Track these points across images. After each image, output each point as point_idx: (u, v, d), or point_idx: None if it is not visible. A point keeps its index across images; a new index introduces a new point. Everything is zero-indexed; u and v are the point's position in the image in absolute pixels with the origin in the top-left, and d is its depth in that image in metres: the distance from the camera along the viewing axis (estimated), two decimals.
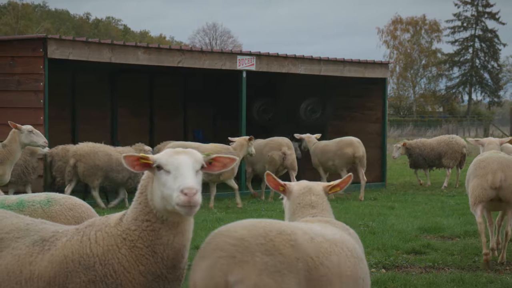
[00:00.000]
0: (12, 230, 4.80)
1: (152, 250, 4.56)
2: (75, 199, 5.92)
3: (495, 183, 10.02)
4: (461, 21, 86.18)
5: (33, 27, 77.42)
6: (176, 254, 4.60)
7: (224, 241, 4.47)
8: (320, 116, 25.12)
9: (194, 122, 26.95)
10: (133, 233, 4.59)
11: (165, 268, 4.58)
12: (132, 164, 4.62)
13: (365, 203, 17.96)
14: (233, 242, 4.45)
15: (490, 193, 10.11)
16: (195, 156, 4.59)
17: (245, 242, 4.43)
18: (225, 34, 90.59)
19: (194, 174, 4.48)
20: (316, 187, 5.64)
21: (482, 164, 10.30)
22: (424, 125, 66.13)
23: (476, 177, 10.24)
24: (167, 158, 4.55)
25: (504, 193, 10.10)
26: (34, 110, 16.40)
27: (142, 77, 25.22)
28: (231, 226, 4.64)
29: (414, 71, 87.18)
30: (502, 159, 10.29)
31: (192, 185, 4.37)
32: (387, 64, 23.97)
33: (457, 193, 20.02)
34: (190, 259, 4.90)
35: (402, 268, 10.21)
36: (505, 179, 10.04)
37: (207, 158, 4.70)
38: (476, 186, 10.19)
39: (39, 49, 16.42)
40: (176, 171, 4.46)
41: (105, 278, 4.52)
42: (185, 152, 4.62)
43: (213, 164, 4.74)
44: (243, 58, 20.14)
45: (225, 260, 4.40)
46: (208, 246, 4.53)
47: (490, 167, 10.14)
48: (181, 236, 4.60)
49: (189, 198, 4.35)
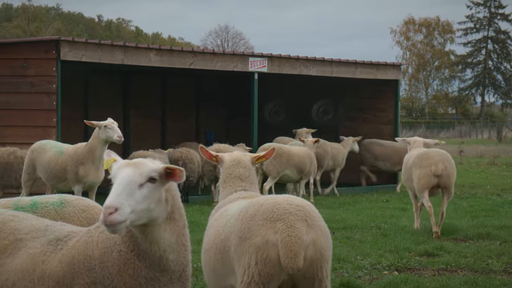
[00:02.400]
0: (31, 231, 4.83)
1: (137, 255, 4.56)
2: (88, 200, 5.92)
3: (437, 172, 12.53)
4: (473, 23, 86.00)
5: (44, 29, 77.63)
6: (160, 260, 4.58)
7: (290, 207, 5.26)
8: (332, 118, 25.10)
9: (206, 123, 26.96)
10: (118, 237, 4.59)
11: (156, 272, 4.58)
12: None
13: (377, 205, 17.93)
14: (297, 208, 5.26)
15: (433, 180, 12.64)
16: (141, 169, 4.47)
17: (307, 208, 5.33)
18: (237, 36, 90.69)
19: (127, 190, 4.35)
20: (244, 159, 6.35)
21: (426, 156, 12.78)
22: (436, 127, 65.96)
23: (421, 168, 12.69)
24: (115, 170, 4.50)
25: (444, 180, 12.65)
26: (47, 112, 16.45)
27: (154, 78, 25.25)
28: (278, 197, 5.43)
29: (426, 72, 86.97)
30: (441, 152, 12.87)
31: (109, 204, 4.25)
32: (399, 66, 23.91)
33: (470, 195, 19.95)
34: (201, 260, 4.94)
35: (414, 271, 10.18)
36: (445, 168, 12.55)
37: (164, 168, 4.53)
38: (422, 175, 12.66)
39: (52, 51, 16.47)
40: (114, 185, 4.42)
41: (104, 280, 4.55)
42: (133, 164, 4.52)
43: (172, 174, 4.55)
44: (255, 60, 20.14)
45: (301, 223, 5.19)
46: (275, 211, 5.22)
47: (433, 159, 12.62)
48: (156, 245, 4.56)
49: (104, 218, 4.23)
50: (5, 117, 16.62)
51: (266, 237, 5.18)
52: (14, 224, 4.87)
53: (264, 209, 5.29)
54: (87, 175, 13.23)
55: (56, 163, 13.49)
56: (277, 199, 5.38)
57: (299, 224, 5.18)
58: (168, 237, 4.60)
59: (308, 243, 5.17)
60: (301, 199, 5.43)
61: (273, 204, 5.31)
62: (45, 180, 13.80)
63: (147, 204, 4.41)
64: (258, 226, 5.23)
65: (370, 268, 10.13)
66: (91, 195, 13.54)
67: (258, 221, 5.25)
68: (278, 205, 5.28)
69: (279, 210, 5.24)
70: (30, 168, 13.89)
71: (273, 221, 5.21)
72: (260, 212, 5.28)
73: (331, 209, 16.90)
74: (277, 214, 5.22)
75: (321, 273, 5.25)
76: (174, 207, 4.67)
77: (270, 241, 5.17)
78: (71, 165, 13.29)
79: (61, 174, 13.46)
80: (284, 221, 5.18)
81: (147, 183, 4.44)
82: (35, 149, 13.88)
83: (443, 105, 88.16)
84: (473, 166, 30.91)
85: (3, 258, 4.74)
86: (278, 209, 5.25)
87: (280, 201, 5.34)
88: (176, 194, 4.74)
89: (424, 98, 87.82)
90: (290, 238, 5.11)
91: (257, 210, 5.32)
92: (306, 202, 5.42)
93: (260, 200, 5.44)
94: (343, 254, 10.92)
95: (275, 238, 5.16)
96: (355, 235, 12.96)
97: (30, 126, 16.30)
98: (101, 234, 4.64)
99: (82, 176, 13.23)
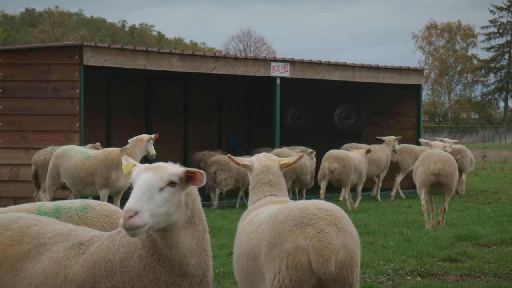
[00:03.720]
0: (55, 235, 4.85)
1: (157, 259, 4.56)
2: (111, 205, 5.93)
3: (435, 170, 13.74)
4: (497, 27, 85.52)
5: (68, 34, 78.14)
6: (180, 265, 4.58)
7: (319, 212, 5.28)
8: (354, 123, 25.04)
9: (229, 127, 26.99)
10: (139, 242, 4.60)
11: (176, 276, 4.58)
12: None
13: (400, 210, 17.87)
14: (327, 213, 5.29)
15: (432, 178, 13.84)
16: (161, 173, 4.48)
17: (337, 213, 5.34)
18: (259, 41, 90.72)
19: (148, 194, 4.37)
20: (273, 165, 6.40)
21: (426, 156, 14.17)
22: (459, 131, 65.64)
23: (421, 167, 13.99)
24: (135, 174, 4.53)
25: (442, 179, 13.83)
26: (70, 117, 16.54)
27: (177, 83, 25.31)
28: (307, 203, 5.44)
29: (449, 77, 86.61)
30: (441, 153, 14.23)
31: (129, 207, 4.27)
32: (422, 71, 23.83)
33: (493, 200, 19.84)
34: (223, 265, 4.92)
35: (437, 276, 10.12)
36: (442, 167, 13.76)
37: (184, 171, 4.53)
38: (421, 173, 13.96)
39: (75, 56, 16.56)
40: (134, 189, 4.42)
41: (125, 284, 4.56)
42: (153, 168, 4.53)
43: (193, 177, 4.56)
44: (277, 65, 20.15)
45: (331, 227, 5.21)
46: (304, 216, 5.24)
47: (432, 159, 13.92)
48: (176, 250, 4.56)
49: (124, 221, 4.25)
50: (29, 122, 16.74)
51: (296, 242, 5.21)
52: (38, 229, 4.89)
53: (294, 214, 5.32)
54: (118, 179, 13.40)
55: (83, 168, 13.61)
56: (306, 204, 5.40)
57: (329, 228, 5.22)
58: (188, 241, 4.60)
59: (339, 247, 5.19)
60: (330, 204, 5.44)
61: (303, 209, 5.34)
62: (70, 185, 13.90)
63: (167, 208, 4.42)
64: (289, 232, 5.26)
65: (392, 274, 10.08)
66: (116, 200, 13.66)
67: (288, 227, 5.28)
68: (307, 210, 5.31)
69: (309, 215, 5.28)
70: (54, 173, 14.01)
71: (303, 227, 5.24)
72: (290, 218, 5.31)
73: (353, 214, 16.86)
74: (307, 219, 5.26)
75: (352, 277, 5.28)
76: (194, 211, 4.67)
77: (301, 246, 5.20)
78: (101, 169, 13.44)
79: (88, 179, 13.59)
80: (314, 226, 5.22)
81: (167, 187, 4.45)
82: (59, 155, 14.00)
83: (466, 110, 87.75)
84: (496, 171, 30.74)
85: (26, 262, 4.76)
86: (308, 214, 5.28)
87: (309, 206, 5.36)
88: (197, 198, 4.74)
89: (446, 103, 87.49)
90: (321, 243, 5.14)
91: (287, 216, 5.34)
92: (335, 207, 5.44)
93: (289, 206, 5.46)
94: (365, 259, 10.87)
95: (305, 243, 5.19)
96: (378, 240, 12.91)
97: (53, 131, 16.41)
98: (122, 239, 4.65)
99: (113, 181, 13.40)
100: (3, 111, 16.86)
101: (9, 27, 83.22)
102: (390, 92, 23.95)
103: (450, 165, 13.92)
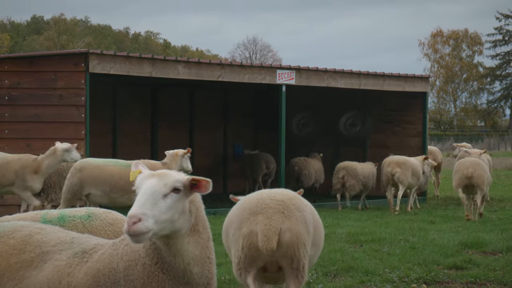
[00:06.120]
0: (58, 244, 4.85)
1: (161, 268, 4.56)
2: (116, 213, 5.92)
3: (467, 174, 16.56)
4: (502, 35, 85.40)
5: (74, 41, 78.28)
6: (183, 273, 4.58)
7: (271, 202, 6.68)
8: (359, 130, 25.02)
9: (234, 135, 27.01)
10: (142, 250, 4.60)
11: (180, 284, 4.58)
12: None
13: (406, 217, 17.84)
14: (277, 203, 6.67)
15: (465, 180, 16.65)
16: (165, 180, 4.48)
17: (287, 201, 6.71)
18: (265, 49, 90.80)
19: (151, 200, 4.35)
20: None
21: (461, 162, 17.08)
22: (465, 139, 65.46)
23: (457, 172, 16.84)
24: (139, 181, 4.51)
25: (474, 181, 16.57)
26: (76, 125, 16.56)
27: (182, 91, 25.34)
28: (264, 193, 6.92)
29: (455, 85, 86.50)
30: (472, 160, 17.17)
31: (133, 213, 4.25)
32: (428, 78, 23.80)
33: (499, 208, 19.82)
34: (228, 273, 4.92)
35: (443, 284, 10.10)
36: (474, 171, 16.54)
37: (189, 179, 4.54)
38: (457, 176, 16.77)
39: (81, 64, 16.58)
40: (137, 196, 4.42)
41: None
42: (158, 174, 4.53)
43: (198, 185, 4.56)
44: (282, 72, 20.16)
45: (278, 215, 6.59)
46: (258, 206, 6.66)
47: (465, 164, 16.83)
48: (179, 257, 4.56)
49: (128, 227, 4.23)
50: (34, 129, 16.75)
51: (250, 227, 6.63)
52: (41, 237, 4.89)
53: (251, 205, 6.74)
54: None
55: (122, 177, 13.53)
56: (263, 195, 6.82)
57: (276, 216, 6.58)
58: (192, 249, 4.59)
59: (284, 230, 6.55)
60: (285, 194, 6.85)
61: (259, 199, 6.76)
62: (102, 195, 13.70)
63: (171, 215, 4.41)
64: (245, 219, 6.69)
65: (398, 281, 10.07)
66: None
67: (246, 215, 6.70)
68: (262, 201, 6.72)
69: (262, 205, 6.68)
70: (76, 186, 13.67)
71: (256, 215, 6.65)
72: (248, 208, 6.74)
73: (359, 222, 16.86)
74: (260, 209, 6.66)
75: (299, 253, 6.59)
76: (198, 219, 4.66)
77: (253, 231, 6.61)
78: None
79: (129, 187, 13.57)
80: (264, 214, 6.61)
81: (171, 194, 4.44)
82: (83, 167, 13.73)
83: (471, 117, 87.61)
84: (502, 179, 30.70)
85: (29, 270, 4.76)
86: (262, 204, 6.68)
87: (265, 196, 6.78)
88: (200, 206, 4.72)
89: (452, 111, 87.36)
90: (266, 226, 6.53)
91: (246, 205, 6.79)
92: (288, 196, 6.80)
93: (252, 196, 6.93)
94: (371, 267, 10.87)
95: (256, 228, 6.59)
96: (383, 247, 12.90)
97: (59, 139, 16.41)
98: (126, 247, 4.65)
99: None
100: (9, 118, 16.88)
101: (16, 35, 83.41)
102: (396, 100, 23.95)
103: (480, 169, 16.69)
